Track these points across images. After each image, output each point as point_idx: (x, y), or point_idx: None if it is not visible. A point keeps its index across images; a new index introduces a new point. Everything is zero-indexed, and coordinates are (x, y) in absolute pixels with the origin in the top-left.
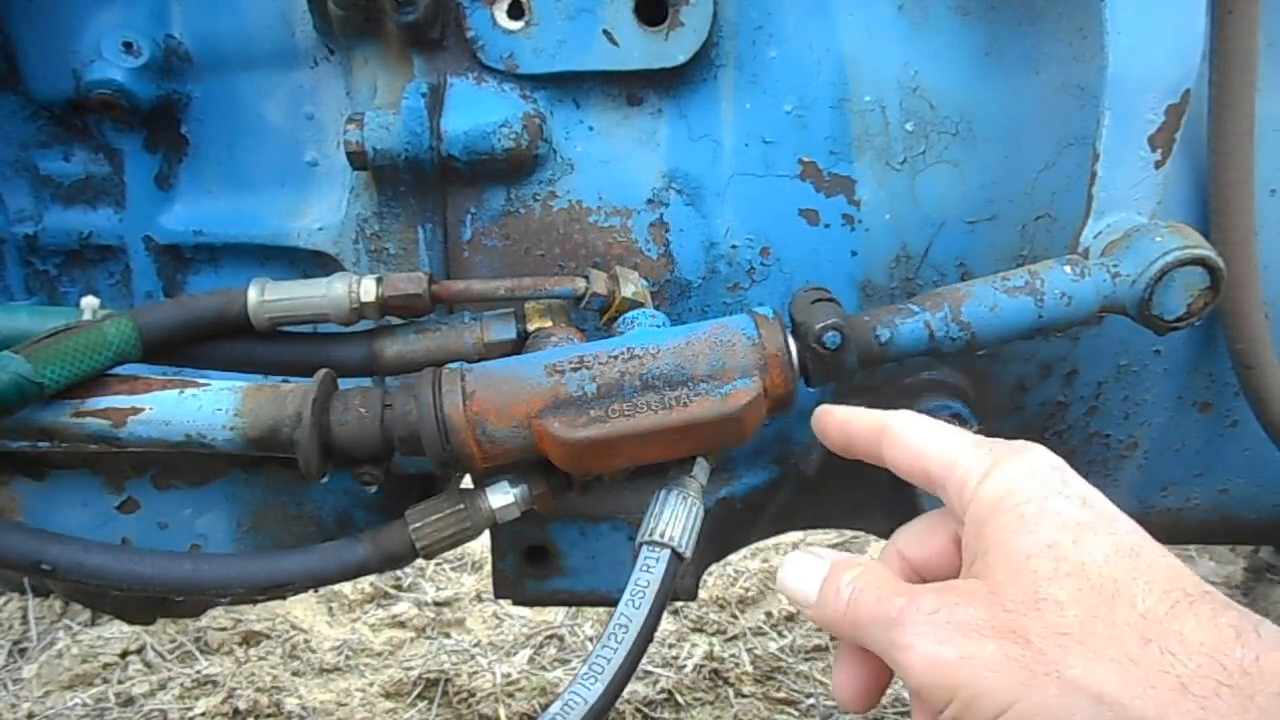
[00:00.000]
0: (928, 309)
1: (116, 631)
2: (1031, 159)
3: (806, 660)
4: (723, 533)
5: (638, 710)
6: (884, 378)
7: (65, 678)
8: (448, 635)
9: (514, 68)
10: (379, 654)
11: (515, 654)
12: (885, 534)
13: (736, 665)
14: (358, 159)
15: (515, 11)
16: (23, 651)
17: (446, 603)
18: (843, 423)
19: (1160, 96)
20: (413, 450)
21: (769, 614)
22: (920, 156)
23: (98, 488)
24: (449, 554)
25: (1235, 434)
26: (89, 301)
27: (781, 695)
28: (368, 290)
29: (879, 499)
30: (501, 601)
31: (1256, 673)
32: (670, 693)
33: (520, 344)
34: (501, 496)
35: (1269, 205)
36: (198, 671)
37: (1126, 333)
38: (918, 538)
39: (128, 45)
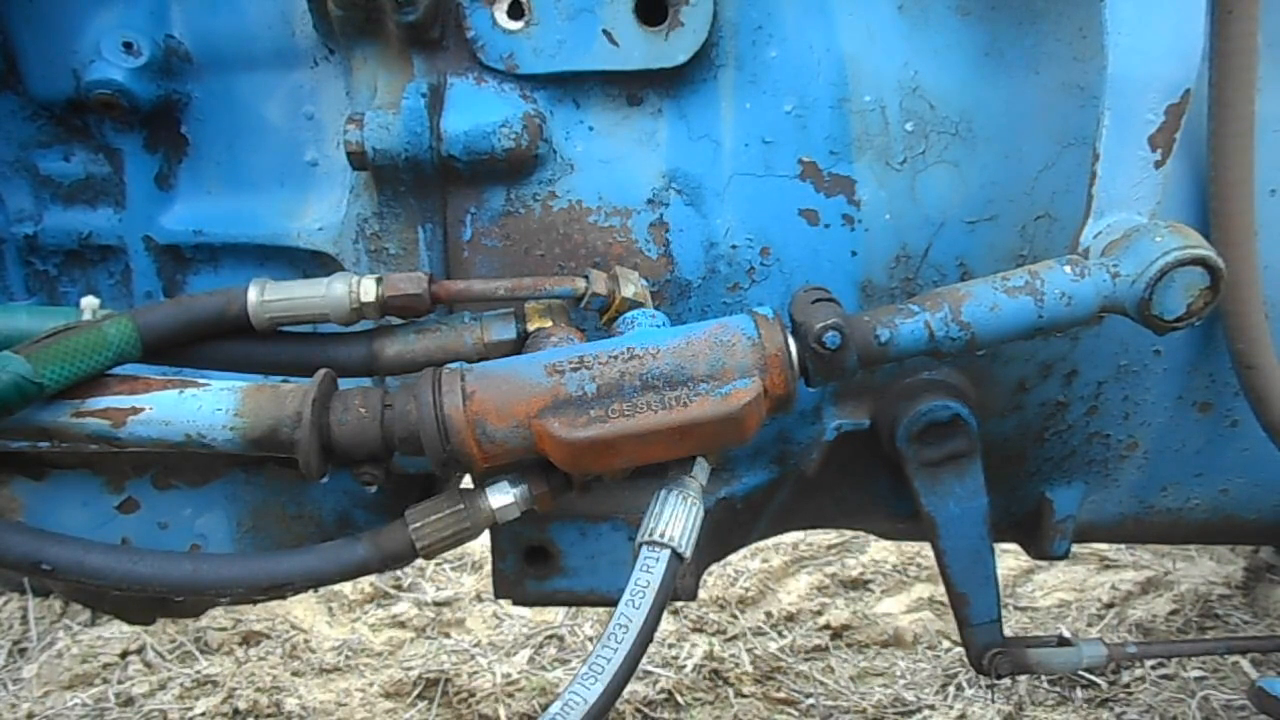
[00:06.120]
0: (928, 309)
1: (116, 631)
2: (1031, 159)
3: (806, 660)
4: (723, 533)
5: (638, 710)
6: (884, 378)
7: (65, 678)
8: (448, 635)
9: (514, 68)
10: (379, 654)
11: (515, 654)
12: (885, 534)
13: (736, 665)
14: (358, 159)
15: (515, 11)
16: (23, 651)
17: (446, 603)
18: None
19: (1160, 96)
20: (413, 450)
21: (769, 614)
22: (920, 156)
23: (98, 488)
24: (449, 554)
25: (1235, 434)
26: (89, 301)
27: (781, 695)
28: (368, 290)
29: (878, 499)
30: (501, 601)
31: None
32: (670, 693)
33: (520, 344)
34: (501, 496)
35: (1269, 205)
36: (198, 671)
37: (1126, 333)
38: None
39: (128, 45)
